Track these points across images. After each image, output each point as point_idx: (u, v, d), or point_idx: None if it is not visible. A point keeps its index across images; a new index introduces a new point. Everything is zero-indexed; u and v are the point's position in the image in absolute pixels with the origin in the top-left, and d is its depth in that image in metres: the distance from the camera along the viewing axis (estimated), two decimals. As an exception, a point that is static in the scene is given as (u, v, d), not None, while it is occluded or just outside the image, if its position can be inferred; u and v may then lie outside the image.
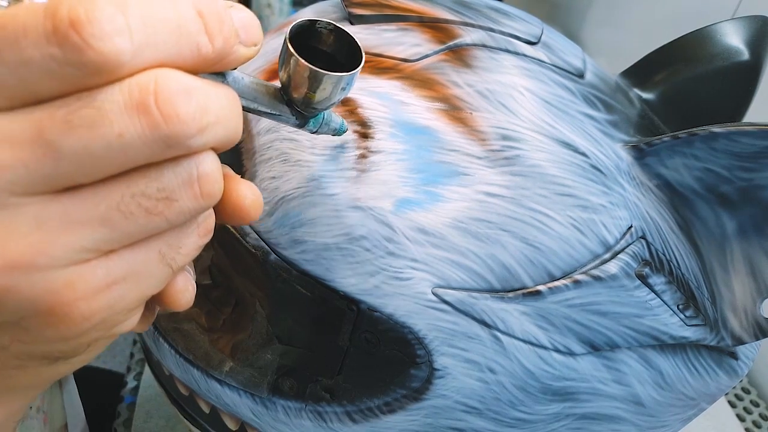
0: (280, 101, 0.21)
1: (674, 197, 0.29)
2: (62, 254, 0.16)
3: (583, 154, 0.28)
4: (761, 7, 0.64)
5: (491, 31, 0.33)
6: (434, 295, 0.26)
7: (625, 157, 0.29)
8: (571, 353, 0.27)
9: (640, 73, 0.38)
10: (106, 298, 0.17)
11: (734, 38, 0.35)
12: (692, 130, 0.27)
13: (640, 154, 0.29)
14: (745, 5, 0.67)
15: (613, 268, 0.27)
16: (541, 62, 0.32)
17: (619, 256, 0.27)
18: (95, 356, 0.20)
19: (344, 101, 0.28)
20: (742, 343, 0.29)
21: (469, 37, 0.32)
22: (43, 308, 0.17)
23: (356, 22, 0.32)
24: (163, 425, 0.50)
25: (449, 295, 0.26)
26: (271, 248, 0.27)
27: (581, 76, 0.33)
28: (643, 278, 0.27)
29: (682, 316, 0.28)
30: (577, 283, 0.26)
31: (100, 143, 0.15)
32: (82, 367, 0.21)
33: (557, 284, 0.26)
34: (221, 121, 0.17)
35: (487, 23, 0.33)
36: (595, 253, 0.27)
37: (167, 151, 0.16)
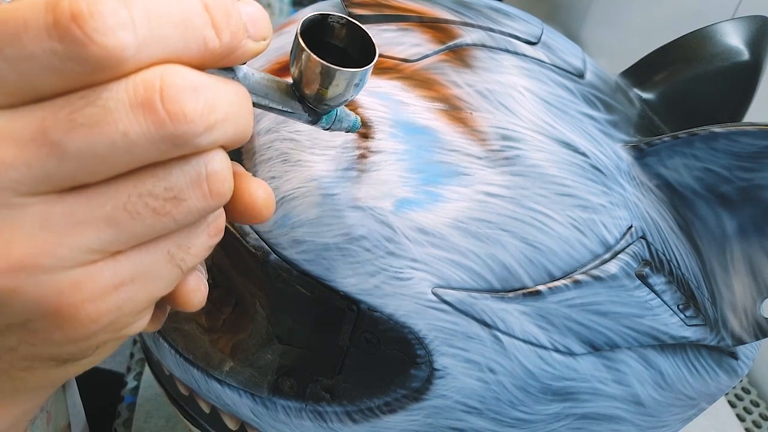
0: (291, 97, 0.21)
1: (674, 197, 0.29)
2: (68, 255, 0.16)
3: (583, 154, 0.28)
4: (761, 7, 0.64)
5: (491, 31, 0.33)
6: (434, 295, 0.26)
7: (625, 157, 0.29)
8: (571, 353, 0.27)
9: (640, 73, 0.38)
10: (113, 299, 0.17)
11: (734, 38, 0.35)
12: (692, 130, 0.27)
13: (640, 154, 0.29)
14: (745, 5, 0.67)
15: (613, 268, 0.27)
16: (541, 62, 0.32)
17: (619, 256, 0.27)
18: (105, 357, 0.20)
19: None
20: (742, 343, 0.29)
21: (469, 37, 0.32)
22: (49, 309, 0.16)
23: (356, 22, 0.32)
24: (163, 425, 0.50)
25: (449, 295, 0.26)
26: (271, 248, 0.27)
27: (581, 76, 0.33)
28: (643, 278, 0.27)
29: (682, 316, 0.28)
30: (577, 283, 0.26)
31: (104, 142, 0.15)
32: None
33: (557, 284, 0.26)
34: (230, 118, 0.17)
35: (487, 23, 0.33)
36: (595, 253, 0.27)
37: (174, 150, 0.16)
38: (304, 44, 0.19)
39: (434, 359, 0.27)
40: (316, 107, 0.21)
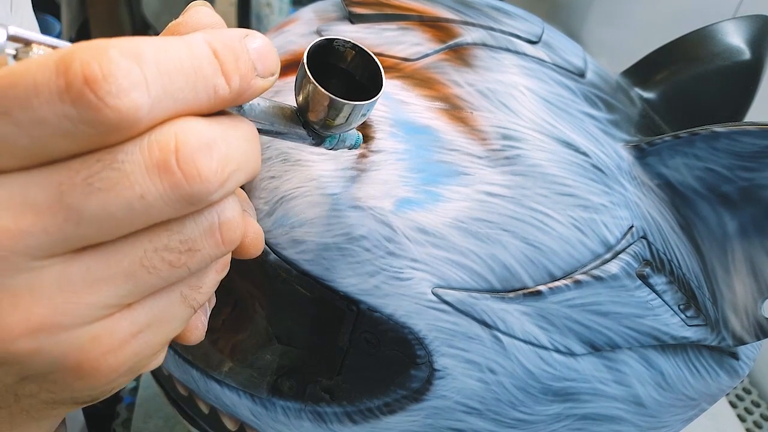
0: (296, 123, 0.21)
1: (675, 197, 0.29)
2: (87, 312, 0.16)
3: (584, 153, 0.28)
4: (762, 6, 0.64)
5: (492, 30, 0.33)
6: (434, 295, 0.26)
7: (626, 156, 0.29)
8: (571, 353, 0.27)
9: (641, 72, 0.38)
10: (132, 347, 0.17)
11: (735, 37, 0.35)
12: (693, 129, 0.27)
13: (641, 153, 0.29)
14: (746, 5, 0.66)
15: (614, 268, 0.27)
16: (541, 61, 0.32)
17: (620, 256, 0.27)
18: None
19: None
20: (743, 343, 0.29)
21: (469, 36, 0.32)
22: (70, 365, 0.16)
23: (356, 21, 0.32)
24: (162, 426, 0.50)
25: (449, 295, 0.26)
26: (270, 248, 0.27)
27: (582, 75, 0.33)
28: (644, 278, 0.27)
29: (683, 316, 0.28)
30: (577, 283, 0.26)
31: (122, 205, 0.15)
32: None
33: (558, 284, 0.26)
34: (242, 167, 0.17)
35: (487, 22, 0.33)
36: (596, 253, 0.27)
37: (189, 207, 0.16)
38: (311, 76, 0.19)
39: (434, 360, 0.27)
40: (320, 133, 0.21)
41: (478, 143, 0.27)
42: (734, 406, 0.62)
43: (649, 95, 0.37)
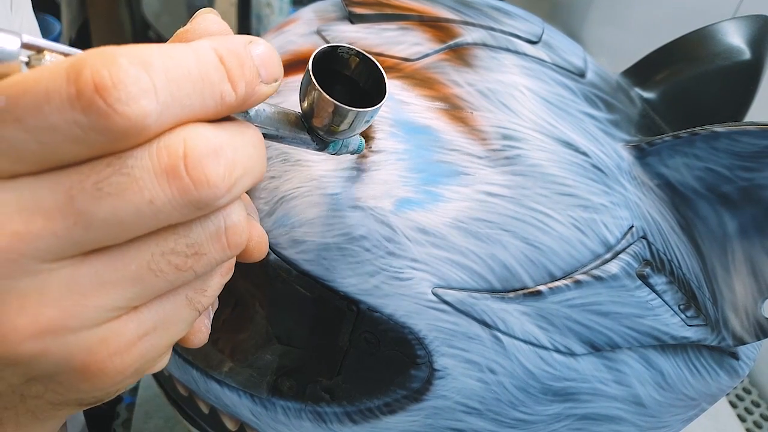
0: (301, 129, 0.21)
1: (675, 197, 0.29)
2: (94, 315, 0.16)
3: (584, 153, 0.28)
4: (762, 6, 0.64)
5: (492, 30, 0.33)
6: (434, 295, 0.26)
7: (626, 156, 0.29)
8: (571, 353, 0.27)
9: (641, 72, 0.38)
10: (138, 349, 0.18)
11: (735, 37, 0.35)
12: (693, 129, 0.27)
13: (641, 153, 0.29)
14: (746, 5, 0.66)
15: (614, 268, 0.27)
16: (542, 61, 0.32)
17: (620, 256, 0.27)
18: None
19: None
20: (743, 343, 0.29)
21: (469, 36, 0.32)
22: (77, 366, 0.17)
23: (356, 21, 0.32)
24: (162, 426, 0.50)
25: (449, 295, 0.26)
26: (271, 248, 0.27)
27: (582, 75, 0.33)
28: (644, 278, 0.27)
29: (683, 316, 0.28)
30: (577, 283, 0.26)
31: (130, 210, 0.15)
32: None
33: (558, 284, 0.26)
34: (248, 172, 0.17)
35: (487, 22, 0.33)
36: (596, 253, 0.27)
37: (197, 212, 0.16)
38: (316, 82, 0.19)
39: (434, 360, 0.27)
40: (324, 138, 0.22)
41: (478, 143, 0.27)
42: (734, 406, 0.62)
43: (649, 95, 0.37)
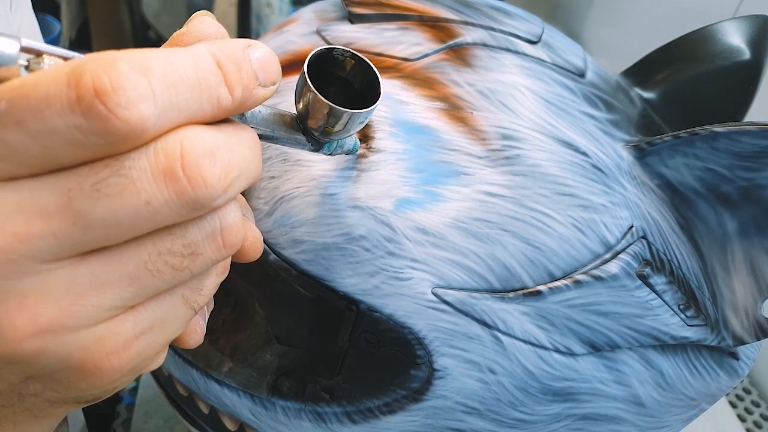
0: (296, 130, 0.21)
1: (675, 197, 0.29)
2: (92, 314, 0.16)
3: (584, 153, 0.28)
4: (762, 6, 0.64)
5: (492, 30, 0.33)
6: (434, 295, 0.26)
7: (626, 156, 0.29)
8: (571, 353, 0.27)
9: (641, 72, 0.38)
10: (135, 348, 0.18)
11: (735, 37, 0.35)
12: (693, 129, 0.27)
13: (641, 153, 0.29)
14: (746, 4, 0.66)
15: (613, 268, 0.27)
16: (541, 61, 0.32)
17: (619, 256, 0.27)
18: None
19: None
20: (743, 343, 0.29)
21: (469, 36, 0.32)
22: (75, 365, 0.17)
23: (356, 21, 0.32)
24: (162, 426, 0.50)
25: (449, 295, 0.26)
26: (270, 248, 0.27)
27: (582, 75, 0.33)
28: (644, 278, 0.27)
29: (682, 316, 0.28)
30: (577, 283, 0.26)
31: (128, 211, 0.15)
32: None
33: (558, 284, 0.26)
34: (244, 173, 0.17)
35: (487, 22, 0.33)
36: (595, 252, 0.27)
37: (193, 213, 0.16)
38: (311, 84, 0.20)
39: (434, 360, 0.27)
40: (319, 139, 0.22)
41: (478, 143, 0.27)
42: (734, 406, 0.62)
43: (649, 95, 0.37)
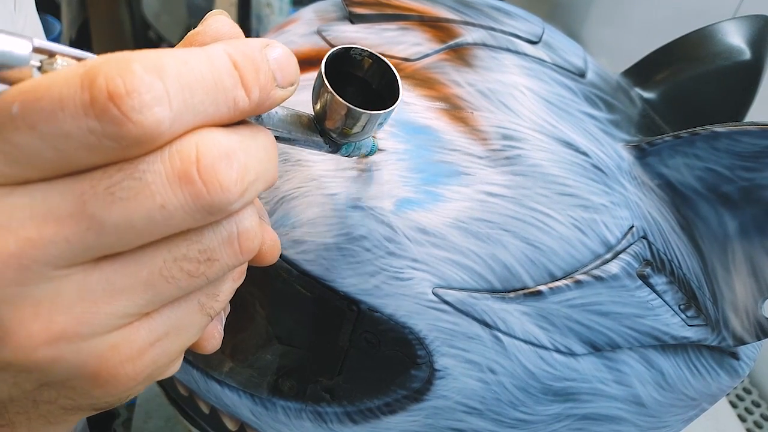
0: (313, 131, 0.21)
1: (676, 197, 0.29)
2: (106, 321, 0.16)
3: (584, 153, 0.28)
4: (762, 6, 0.64)
5: (492, 30, 0.33)
6: (435, 295, 0.26)
7: (626, 156, 0.29)
8: (572, 353, 0.27)
9: (641, 72, 0.38)
10: (150, 355, 0.17)
11: (735, 37, 0.35)
12: (694, 129, 0.27)
13: (641, 153, 0.29)
14: (746, 5, 0.66)
15: (614, 268, 0.27)
16: (542, 61, 0.32)
17: (620, 256, 0.27)
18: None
19: None
20: (743, 343, 0.29)
21: (470, 36, 0.32)
22: (89, 373, 0.17)
23: (357, 21, 0.32)
24: (162, 426, 0.50)
25: (450, 295, 0.26)
26: (271, 248, 0.27)
27: (582, 75, 0.33)
28: (644, 278, 0.27)
29: (683, 316, 0.28)
30: (578, 283, 0.26)
31: (142, 215, 0.15)
32: None
33: (558, 284, 0.26)
34: (261, 176, 0.17)
35: (488, 22, 0.33)
36: (596, 253, 0.27)
37: (209, 217, 0.16)
38: (329, 85, 0.19)
39: (435, 360, 0.27)
40: (337, 141, 0.22)
41: (478, 143, 0.27)
42: (734, 406, 0.62)
43: (649, 95, 0.37)
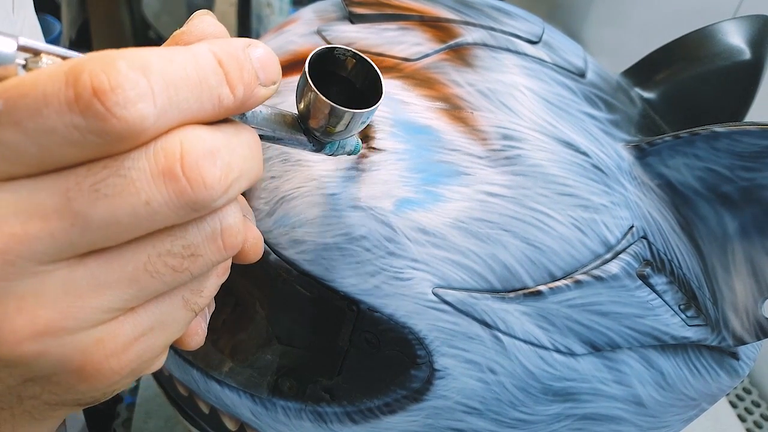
0: (297, 130, 0.21)
1: (675, 197, 0.29)
2: (91, 316, 0.16)
3: (584, 153, 0.28)
4: (762, 6, 0.64)
5: (492, 30, 0.33)
6: (435, 295, 0.26)
7: (626, 156, 0.29)
8: (572, 353, 0.27)
9: (641, 72, 0.38)
10: (134, 350, 0.18)
11: (735, 37, 0.35)
12: (694, 129, 0.27)
13: (641, 153, 0.29)
14: (746, 5, 0.66)
15: (614, 268, 0.27)
16: (542, 61, 0.32)
17: (620, 256, 0.27)
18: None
19: None
20: (743, 343, 0.29)
21: (470, 36, 0.32)
22: (74, 367, 0.17)
23: (357, 21, 0.32)
24: (162, 426, 0.50)
25: (450, 295, 0.26)
26: (271, 248, 0.27)
27: (582, 75, 0.33)
28: (644, 278, 0.27)
29: (683, 316, 0.28)
30: (578, 283, 0.26)
31: (127, 211, 0.15)
32: None
33: (558, 284, 0.26)
34: (245, 173, 0.17)
35: (488, 22, 0.33)
36: (596, 253, 0.27)
37: (193, 213, 0.16)
38: (312, 84, 0.19)
39: (434, 360, 0.27)
40: (321, 140, 0.22)
41: (478, 143, 0.27)
42: (734, 406, 0.62)
43: (649, 95, 0.37)
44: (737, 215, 0.27)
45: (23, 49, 0.15)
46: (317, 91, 0.20)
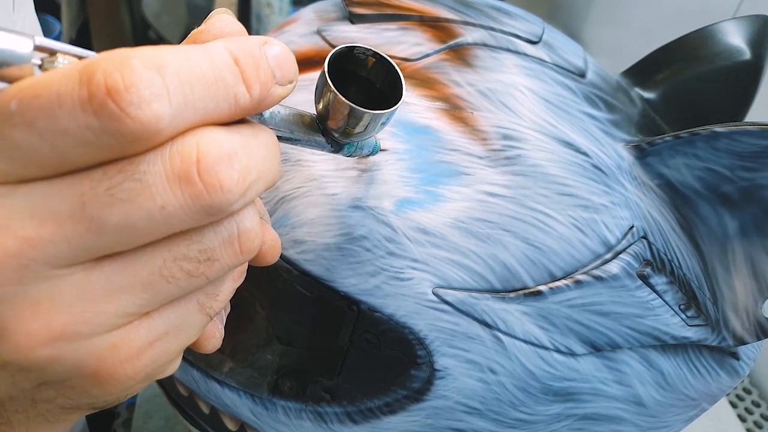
0: (315, 130, 0.21)
1: (676, 197, 0.29)
2: (106, 321, 0.16)
3: (584, 153, 0.28)
4: (762, 6, 0.64)
5: (492, 30, 0.33)
6: (435, 295, 0.26)
7: (626, 156, 0.29)
8: (572, 354, 0.27)
9: (641, 72, 0.38)
10: (149, 355, 0.17)
11: (736, 37, 0.35)
12: (694, 129, 0.27)
13: (641, 153, 0.29)
14: (746, 4, 0.66)
15: (614, 268, 0.27)
16: (542, 61, 0.32)
17: (620, 256, 0.27)
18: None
19: None
20: (743, 343, 0.29)
21: (470, 36, 0.32)
22: (88, 372, 0.17)
23: (357, 21, 0.32)
24: (162, 426, 0.50)
25: (450, 295, 0.26)
26: (271, 248, 0.27)
27: (582, 75, 0.33)
28: (644, 278, 0.27)
29: (683, 316, 0.28)
30: (578, 283, 0.26)
31: (142, 216, 0.15)
32: None
33: (558, 284, 0.26)
34: (262, 176, 0.17)
35: (488, 22, 0.33)
36: (596, 253, 0.27)
37: (209, 218, 0.16)
38: (332, 84, 0.19)
39: (435, 360, 0.27)
40: (339, 141, 0.21)
41: (478, 143, 0.27)
42: (734, 406, 0.62)
43: (649, 95, 0.37)
44: (737, 215, 0.27)
45: (39, 48, 0.15)
46: (336, 91, 0.19)
